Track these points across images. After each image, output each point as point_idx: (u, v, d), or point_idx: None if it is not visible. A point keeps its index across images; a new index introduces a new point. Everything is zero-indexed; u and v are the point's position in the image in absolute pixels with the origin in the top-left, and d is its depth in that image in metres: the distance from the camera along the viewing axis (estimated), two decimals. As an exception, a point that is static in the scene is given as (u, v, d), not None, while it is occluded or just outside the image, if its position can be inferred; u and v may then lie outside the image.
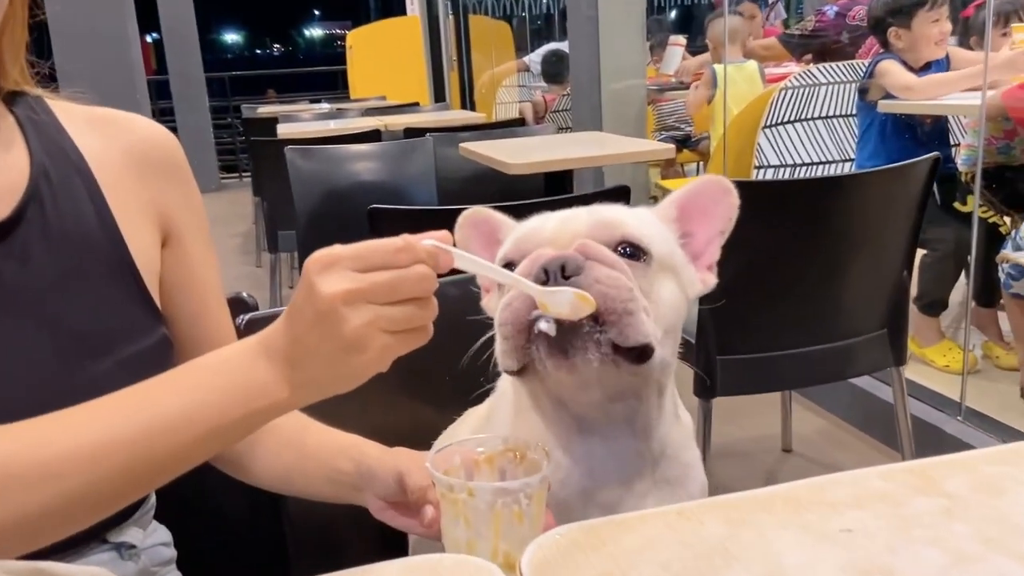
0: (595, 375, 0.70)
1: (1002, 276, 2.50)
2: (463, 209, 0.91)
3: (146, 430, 0.61)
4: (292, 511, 0.98)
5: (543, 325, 0.67)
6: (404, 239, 0.61)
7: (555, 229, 0.76)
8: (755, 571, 0.49)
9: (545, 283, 0.68)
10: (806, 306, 1.90)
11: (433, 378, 1.14)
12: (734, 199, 0.81)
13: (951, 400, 2.49)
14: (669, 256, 0.77)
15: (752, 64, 4.08)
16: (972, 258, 2.53)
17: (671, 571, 0.49)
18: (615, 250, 0.72)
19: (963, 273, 3.03)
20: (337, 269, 0.59)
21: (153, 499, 0.91)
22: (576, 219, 0.76)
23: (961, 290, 3.24)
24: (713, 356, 1.87)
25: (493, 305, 0.81)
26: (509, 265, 0.75)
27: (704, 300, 0.78)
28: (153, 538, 0.89)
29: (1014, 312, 2.56)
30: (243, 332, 1.00)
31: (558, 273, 0.68)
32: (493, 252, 0.84)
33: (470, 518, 0.63)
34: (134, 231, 0.79)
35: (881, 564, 0.48)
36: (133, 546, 0.84)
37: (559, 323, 0.67)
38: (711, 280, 0.81)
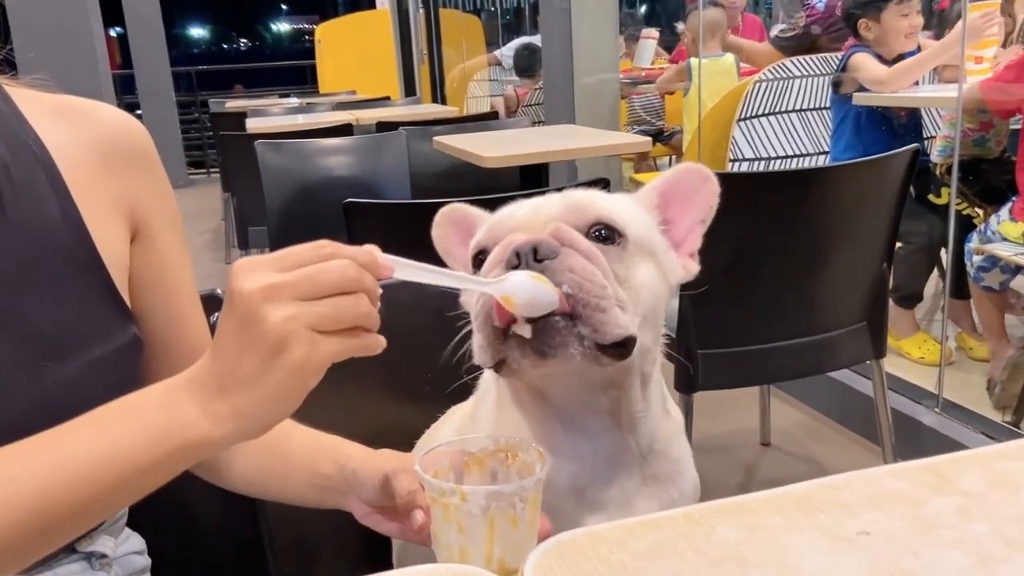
0: (574, 368, 0.68)
1: (971, 270, 2.51)
2: (440, 203, 0.88)
3: (61, 478, 0.57)
4: (271, 517, 0.94)
5: (516, 328, 0.65)
6: (329, 243, 0.58)
7: (527, 215, 0.74)
8: (773, 578, 0.46)
9: (517, 266, 0.66)
10: (786, 299, 1.89)
11: (413, 376, 1.11)
12: (714, 187, 0.79)
13: (928, 392, 2.50)
14: (647, 239, 0.75)
15: (729, 58, 4.07)
16: (949, 251, 2.54)
17: (684, 580, 0.46)
18: (588, 232, 0.70)
19: (937, 266, 3.05)
20: (258, 271, 0.56)
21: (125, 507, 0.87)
22: (549, 204, 0.74)
23: (935, 282, 3.27)
24: (694, 350, 1.85)
25: (471, 301, 0.79)
26: (482, 253, 0.73)
27: (685, 290, 0.77)
28: (125, 547, 0.85)
29: (983, 305, 2.58)
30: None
31: (530, 256, 0.66)
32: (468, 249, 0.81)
33: (463, 523, 0.60)
34: (101, 226, 0.75)
35: (904, 568, 0.46)
36: (104, 555, 0.80)
37: (533, 322, 0.65)
38: (693, 267, 0.79)
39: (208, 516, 0.98)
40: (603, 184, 1.83)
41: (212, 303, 1.04)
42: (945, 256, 2.80)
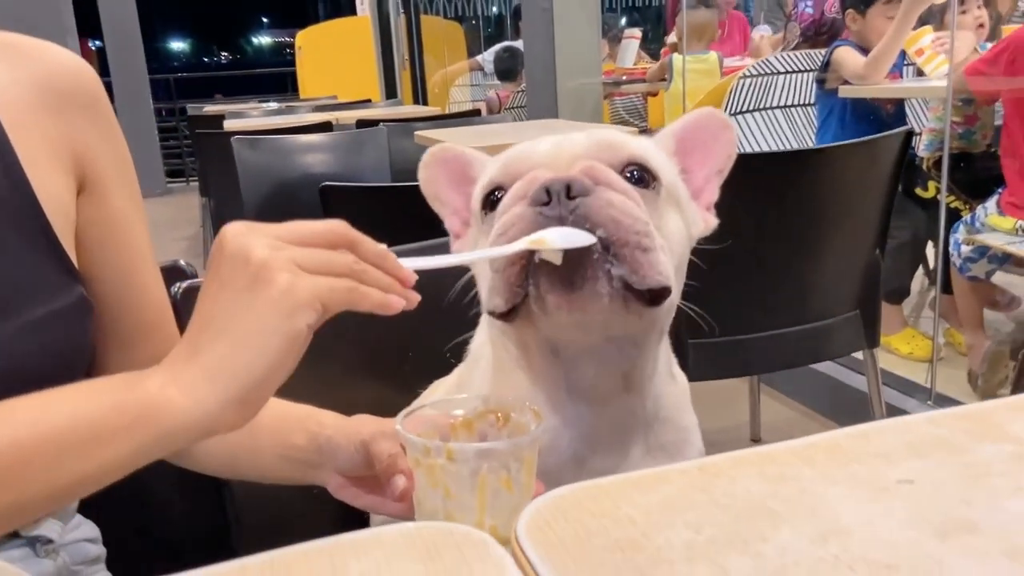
0: (599, 315, 0.60)
1: (957, 260, 2.48)
2: (418, 187, 0.81)
3: (30, 433, 0.50)
4: (238, 499, 0.87)
5: (545, 254, 0.57)
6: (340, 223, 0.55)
7: (550, 151, 0.65)
8: (809, 531, 0.40)
9: (547, 204, 0.58)
10: (778, 287, 1.84)
11: (392, 354, 1.04)
12: (732, 135, 0.73)
13: (920, 386, 2.45)
14: (674, 187, 0.68)
15: (713, 56, 4.03)
16: (939, 245, 2.50)
17: (706, 535, 0.40)
18: (622, 173, 0.63)
19: (922, 263, 3.02)
20: (244, 223, 0.53)
21: (75, 490, 0.79)
22: (573, 141, 0.66)
23: (921, 279, 3.23)
24: (684, 340, 1.79)
25: (468, 249, 0.72)
26: (497, 190, 0.65)
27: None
28: (76, 533, 0.77)
29: (966, 297, 2.55)
30: (180, 301, 0.89)
31: (562, 194, 0.58)
32: (465, 191, 0.74)
33: (450, 487, 0.53)
34: (42, 174, 0.68)
35: (958, 517, 0.40)
36: (51, 541, 0.72)
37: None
38: (712, 220, 0.73)
39: (170, 502, 0.90)
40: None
41: (174, 273, 0.96)
42: (933, 250, 2.76)
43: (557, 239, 0.56)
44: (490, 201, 0.66)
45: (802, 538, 0.39)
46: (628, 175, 0.63)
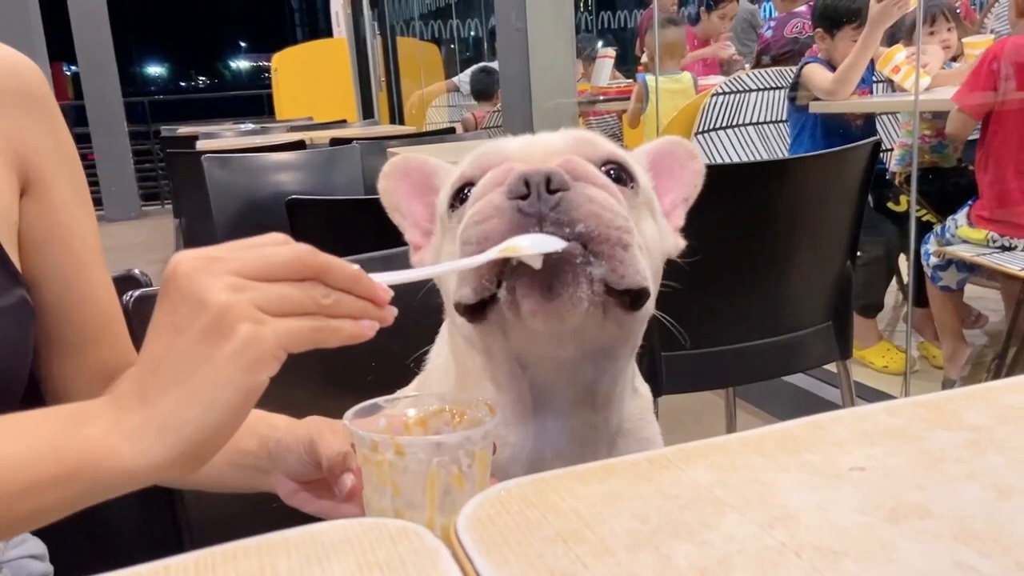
0: (576, 324, 0.57)
1: (928, 271, 2.50)
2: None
3: None
4: (190, 510, 0.84)
5: (525, 258, 0.54)
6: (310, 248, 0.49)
7: (523, 146, 0.64)
8: (756, 518, 0.38)
9: (525, 197, 0.55)
10: (749, 298, 1.83)
11: (355, 366, 1.02)
12: (699, 165, 0.73)
13: (894, 398, 2.46)
14: (650, 192, 0.67)
15: (687, 76, 4.06)
16: (910, 258, 2.52)
17: (651, 524, 0.38)
18: (600, 170, 0.61)
19: (896, 276, 3.03)
20: (197, 251, 0.48)
21: (18, 504, 0.76)
22: (549, 138, 0.64)
23: (895, 293, 3.25)
24: (657, 352, 1.78)
25: (430, 259, 0.70)
26: (467, 185, 0.63)
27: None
28: (20, 550, 0.74)
29: (940, 305, 2.56)
30: (131, 311, 0.86)
31: (542, 186, 0.55)
32: (428, 202, 0.72)
33: (399, 483, 0.51)
34: None
35: (910, 503, 0.39)
36: (-10, 557, 0.69)
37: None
38: (680, 241, 0.72)
39: (121, 518, 0.87)
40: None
41: (127, 283, 0.94)
42: (906, 263, 2.77)
43: (529, 246, 0.54)
44: (459, 198, 0.64)
45: (749, 525, 0.38)
46: (608, 173, 0.62)
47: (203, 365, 0.46)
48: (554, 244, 0.54)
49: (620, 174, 0.63)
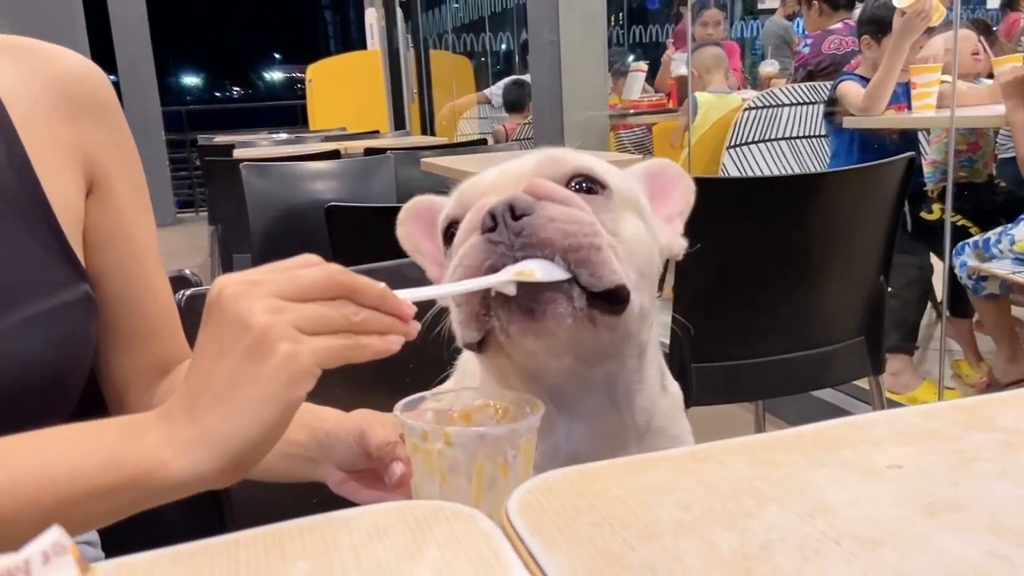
0: (567, 336, 0.61)
1: (968, 282, 2.48)
2: None
3: (33, 484, 0.51)
4: (236, 504, 0.87)
5: (503, 287, 0.58)
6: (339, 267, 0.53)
7: (497, 177, 0.68)
8: (796, 509, 0.40)
9: (493, 229, 0.59)
10: (781, 312, 1.84)
11: (394, 369, 1.04)
12: (689, 183, 0.76)
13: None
14: (632, 194, 0.69)
15: (734, 98, 4.03)
16: (946, 265, 2.50)
17: (694, 513, 0.40)
18: (568, 185, 0.64)
19: (932, 297, 3.00)
20: (237, 275, 0.52)
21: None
22: (520, 163, 0.68)
23: (929, 311, 3.21)
24: (688, 364, 1.79)
25: (441, 277, 0.72)
26: (453, 224, 0.66)
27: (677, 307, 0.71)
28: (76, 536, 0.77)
29: (989, 312, 2.53)
30: (183, 309, 0.90)
31: (506, 215, 0.59)
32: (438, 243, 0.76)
33: (446, 472, 0.53)
34: (52, 174, 0.69)
35: (945, 499, 0.40)
36: (49, 541, 0.72)
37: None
38: (682, 241, 0.74)
39: (170, 508, 0.90)
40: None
41: (179, 283, 0.97)
42: (942, 268, 2.74)
43: (539, 272, 0.57)
44: (449, 236, 0.67)
45: (789, 516, 0.39)
46: (576, 187, 0.65)
47: (246, 383, 0.49)
48: (560, 274, 0.58)
49: (590, 184, 0.65)
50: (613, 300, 0.61)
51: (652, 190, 0.75)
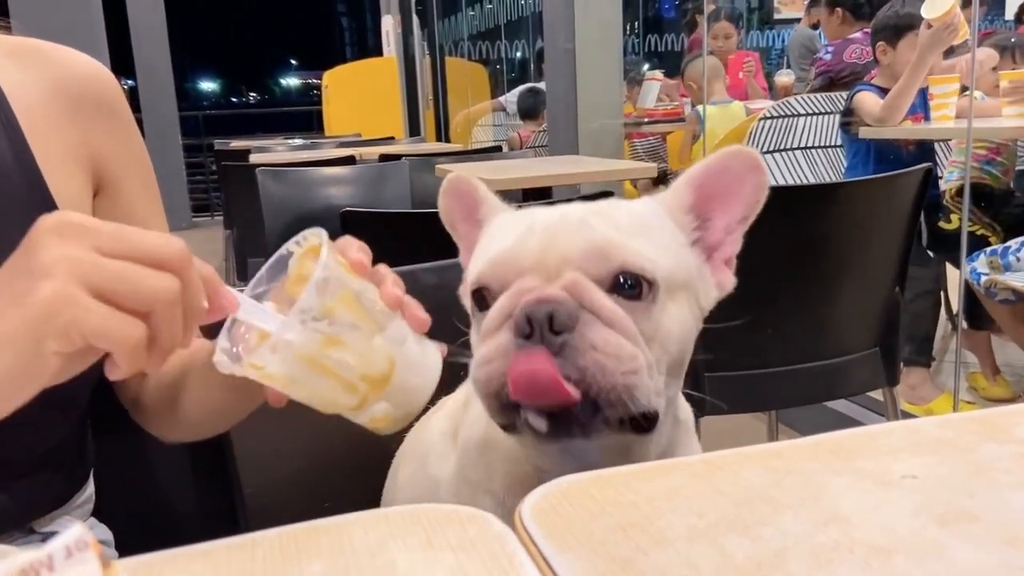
0: (595, 443, 0.61)
1: (981, 289, 2.46)
2: (435, 213, 0.81)
3: None
4: (249, 503, 0.87)
5: (531, 419, 0.57)
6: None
7: (539, 253, 0.61)
8: (810, 518, 0.40)
9: (529, 336, 0.56)
10: (795, 321, 1.83)
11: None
12: (763, 178, 0.67)
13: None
14: (679, 272, 0.64)
15: (737, 105, 4.05)
16: (962, 275, 2.48)
17: (708, 519, 0.40)
18: (613, 283, 0.60)
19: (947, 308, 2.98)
20: (70, 215, 0.49)
21: (90, 491, 0.80)
22: (567, 237, 0.62)
23: (944, 324, 3.19)
24: (701, 373, 1.78)
25: (467, 300, 0.70)
26: (481, 290, 0.64)
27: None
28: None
29: (1008, 318, 2.50)
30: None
31: (545, 327, 0.56)
32: (476, 222, 0.75)
33: (295, 375, 0.54)
34: (59, 174, 0.70)
35: (960, 509, 0.40)
36: (63, 539, 0.73)
37: (547, 412, 0.57)
38: (729, 281, 0.69)
39: (181, 505, 0.91)
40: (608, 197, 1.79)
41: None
42: (958, 276, 2.72)
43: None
44: (480, 299, 0.64)
45: (803, 523, 0.39)
46: (620, 282, 0.60)
47: (19, 305, 0.46)
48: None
49: (635, 282, 0.61)
50: (642, 420, 0.60)
51: (713, 191, 0.68)
